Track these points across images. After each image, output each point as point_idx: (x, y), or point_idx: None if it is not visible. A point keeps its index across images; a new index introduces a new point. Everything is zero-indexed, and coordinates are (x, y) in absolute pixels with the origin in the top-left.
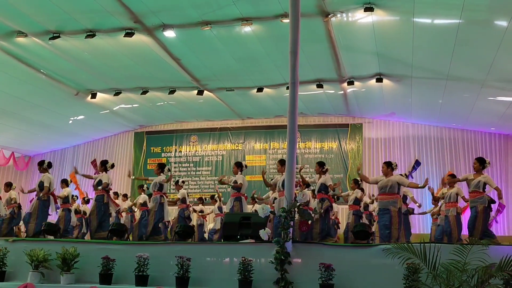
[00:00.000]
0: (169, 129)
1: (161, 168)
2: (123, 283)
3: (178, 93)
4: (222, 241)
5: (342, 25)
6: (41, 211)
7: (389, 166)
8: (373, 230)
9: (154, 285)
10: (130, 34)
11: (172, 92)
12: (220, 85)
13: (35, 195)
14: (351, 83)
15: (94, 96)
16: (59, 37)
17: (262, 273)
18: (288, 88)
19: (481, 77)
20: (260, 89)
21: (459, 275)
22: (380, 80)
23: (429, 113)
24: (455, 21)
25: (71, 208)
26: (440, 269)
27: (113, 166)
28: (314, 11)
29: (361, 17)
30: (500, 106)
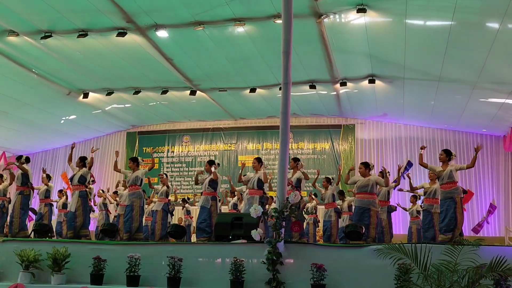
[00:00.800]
0: (162, 129)
1: (136, 162)
2: (114, 283)
3: (170, 93)
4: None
5: (335, 26)
6: (23, 206)
7: (367, 167)
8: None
9: (145, 285)
10: (122, 34)
11: (164, 92)
12: (212, 86)
13: (16, 189)
14: (343, 84)
15: (86, 95)
16: (51, 36)
17: (254, 274)
18: (280, 88)
19: (473, 78)
20: (253, 90)
21: (450, 276)
22: (372, 81)
23: (421, 114)
24: (447, 23)
25: (53, 203)
26: (431, 269)
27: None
28: (307, 12)
29: (354, 18)
30: (491, 107)
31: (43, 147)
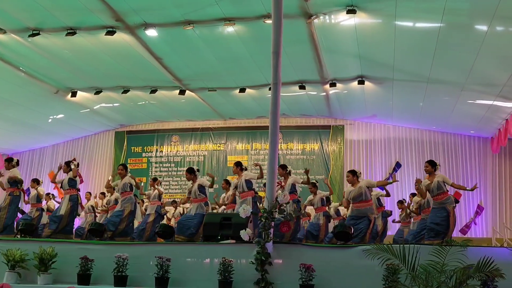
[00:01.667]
0: (150, 129)
1: (126, 168)
2: (101, 283)
3: (159, 93)
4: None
5: (324, 27)
6: (12, 205)
7: (354, 174)
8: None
9: (133, 285)
10: (111, 32)
11: (153, 91)
12: (202, 85)
13: (6, 191)
14: (333, 85)
15: (74, 94)
16: (38, 34)
17: (242, 274)
18: (270, 89)
19: (461, 80)
20: (242, 90)
21: (437, 276)
22: (362, 82)
23: (410, 115)
24: (436, 25)
25: (44, 207)
26: (419, 270)
27: (78, 165)
28: (297, 13)
29: (344, 19)
30: (479, 109)
31: (30, 146)
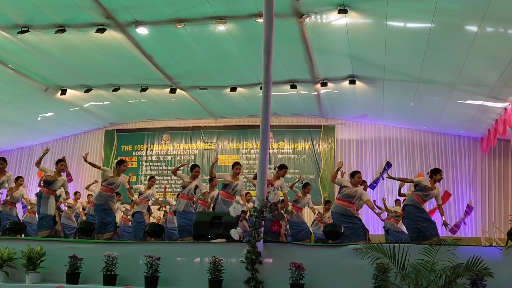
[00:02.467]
0: (141, 127)
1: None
2: (90, 282)
3: (150, 91)
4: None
5: (316, 26)
6: None
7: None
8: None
9: (122, 284)
10: (101, 30)
11: (144, 89)
12: (193, 84)
13: None
14: (324, 85)
15: (64, 92)
16: (28, 31)
17: (232, 273)
18: (261, 88)
19: (451, 80)
20: (233, 89)
21: (427, 275)
22: (353, 82)
23: (401, 115)
24: (427, 25)
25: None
26: (409, 269)
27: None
28: (288, 12)
29: (335, 19)
30: (469, 109)
31: (19, 144)
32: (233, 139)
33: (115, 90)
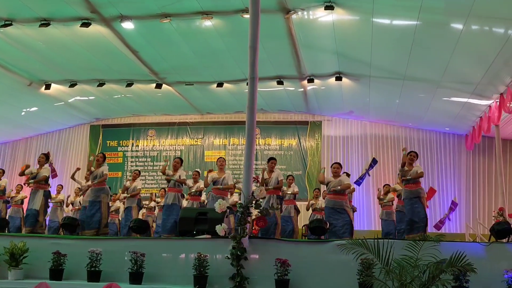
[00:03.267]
0: (126, 123)
1: (105, 157)
2: (74, 278)
3: (135, 86)
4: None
5: (303, 23)
6: None
7: (341, 167)
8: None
9: (107, 280)
10: (86, 24)
11: (129, 85)
12: (179, 79)
13: None
14: (311, 81)
15: (48, 87)
16: (11, 25)
17: (218, 269)
18: (248, 83)
19: (437, 78)
20: (220, 84)
21: (411, 271)
22: (339, 78)
23: (386, 112)
24: (413, 23)
25: (8, 199)
26: (393, 264)
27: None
28: (275, 7)
29: (322, 15)
30: (454, 106)
31: (3, 139)
32: (220, 135)
33: (100, 85)
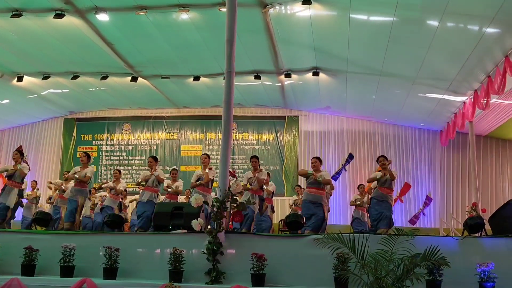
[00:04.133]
0: (101, 116)
1: (89, 157)
2: (47, 274)
3: (110, 79)
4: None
5: (280, 17)
6: None
7: (320, 161)
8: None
9: (80, 276)
10: (60, 15)
11: (104, 77)
12: (155, 72)
13: None
14: (288, 76)
15: (20, 79)
16: None
17: (193, 264)
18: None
19: (412, 74)
20: (196, 78)
21: (386, 265)
22: (316, 73)
23: (363, 108)
24: (389, 19)
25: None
26: (368, 258)
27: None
28: (252, 1)
29: (299, 10)
30: (429, 103)
31: None
32: (196, 129)
33: (75, 77)
